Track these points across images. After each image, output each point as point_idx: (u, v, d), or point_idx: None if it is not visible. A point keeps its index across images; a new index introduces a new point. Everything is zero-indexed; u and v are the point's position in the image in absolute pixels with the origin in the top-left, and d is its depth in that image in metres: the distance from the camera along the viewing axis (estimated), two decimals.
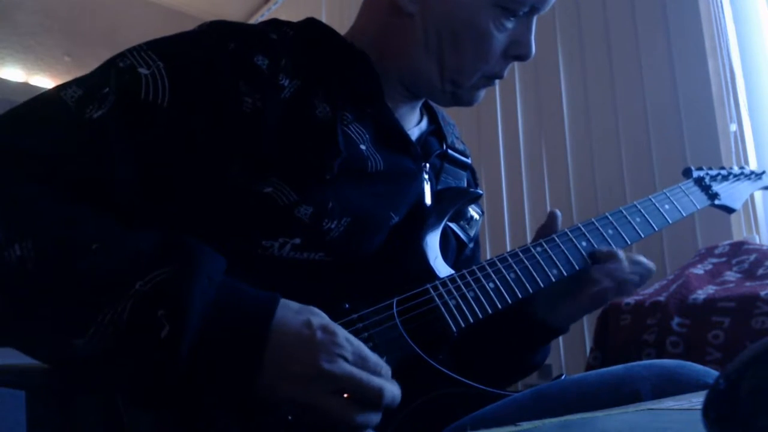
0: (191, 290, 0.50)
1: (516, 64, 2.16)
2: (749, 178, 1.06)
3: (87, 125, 0.58)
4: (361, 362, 0.55)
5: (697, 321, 1.15)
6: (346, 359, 0.53)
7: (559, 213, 0.85)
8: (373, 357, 0.56)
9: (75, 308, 0.49)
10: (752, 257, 1.32)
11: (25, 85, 3.15)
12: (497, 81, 0.78)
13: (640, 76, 1.82)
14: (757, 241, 1.54)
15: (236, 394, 0.53)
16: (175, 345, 0.49)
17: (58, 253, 0.51)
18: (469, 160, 0.90)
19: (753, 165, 1.61)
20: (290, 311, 0.54)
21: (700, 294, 1.20)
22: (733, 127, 1.63)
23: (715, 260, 1.38)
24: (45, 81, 3.21)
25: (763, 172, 1.10)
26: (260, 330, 0.52)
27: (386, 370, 0.56)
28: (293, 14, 3.18)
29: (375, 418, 0.55)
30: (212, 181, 0.63)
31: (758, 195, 1.61)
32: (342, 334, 0.55)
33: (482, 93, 0.79)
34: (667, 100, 1.75)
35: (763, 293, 1.09)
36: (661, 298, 1.23)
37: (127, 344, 0.49)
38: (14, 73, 3.14)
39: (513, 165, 2.18)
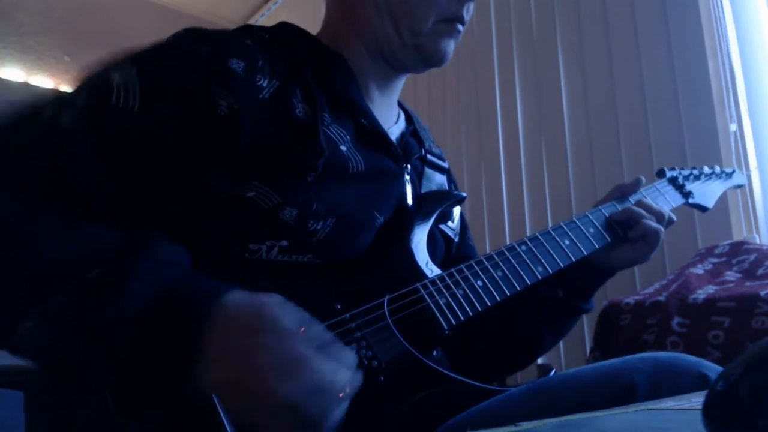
0: (136, 275, 0.51)
1: (516, 63, 2.18)
2: (720, 178, 1.09)
3: (57, 129, 0.60)
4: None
5: (697, 321, 1.15)
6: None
7: (643, 179, 0.94)
8: (318, 327, 0.54)
9: (24, 290, 0.51)
10: (752, 257, 1.32)
11: (25, 85, 3.14)
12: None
13: (640, 76, 1.82)
14: (757, 241, 1.54)
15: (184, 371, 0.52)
16: (120, 311, 0.50)
17: (15, 244, 0.53)
18: (446, 164, 0.91)
19: (753, 165, 1.61)
20: (238, 294, 0.53)
21: (700, 294, 1.20)
22: (733, 127, 1.63)
23: (715, 260, 1.38)
24: (45, 81, 3.20)
25: (733, 171, 1.13)
26: (204, 309, 0.51)
27: (332, 337, 0.55)
28: (293, 14, 3.18)
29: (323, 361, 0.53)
30: (193, 186, 0.64)
31: (758, 195, 1.61)
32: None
33: (451, 46, 0.79)
34: (667, 100, 1.74)
35: (763, 293, 1.09)
36: (661, 298, 1.23)
37: (72, 327, 0.50)
38: (14, 73, 3.14)
39: (513, 165, 2.18)
